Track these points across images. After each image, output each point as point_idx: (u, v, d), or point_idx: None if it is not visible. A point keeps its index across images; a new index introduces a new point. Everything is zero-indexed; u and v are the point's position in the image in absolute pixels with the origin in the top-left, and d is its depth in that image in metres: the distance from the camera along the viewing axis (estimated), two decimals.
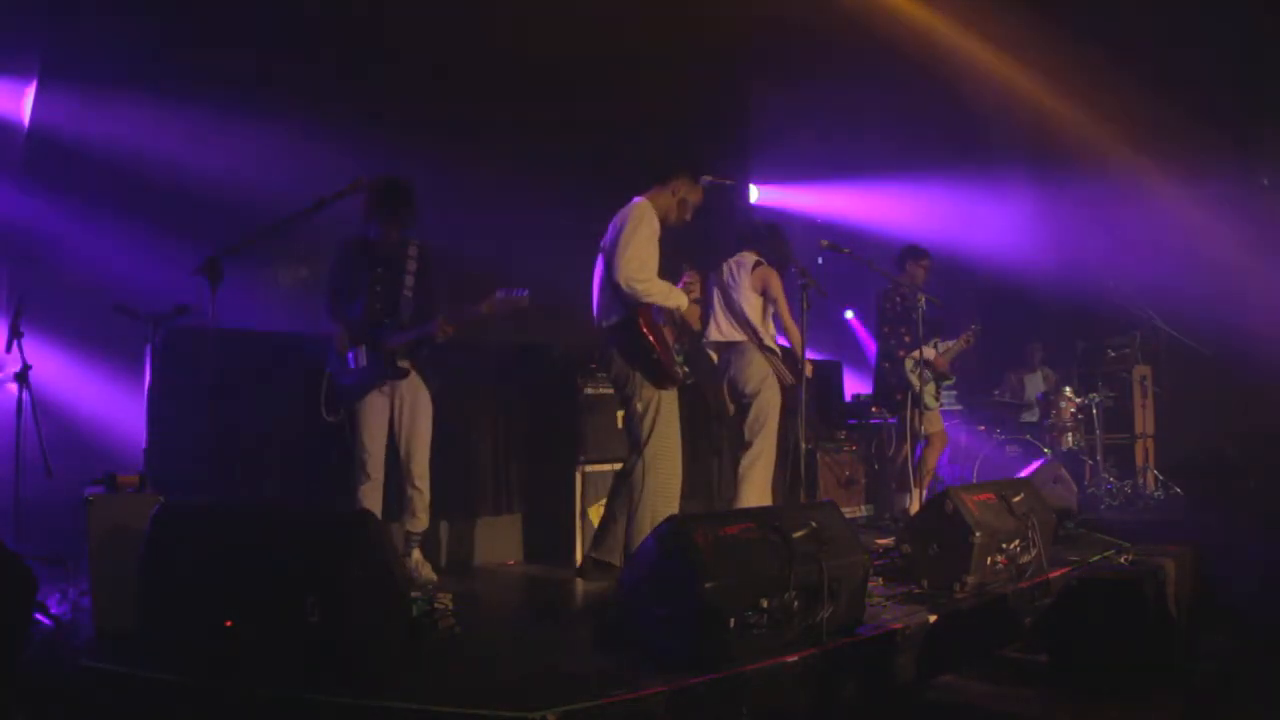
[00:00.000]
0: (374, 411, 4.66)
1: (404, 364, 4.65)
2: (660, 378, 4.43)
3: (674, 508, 4.38)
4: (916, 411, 6.37)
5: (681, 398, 4.62)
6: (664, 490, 4.40)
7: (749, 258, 5.70)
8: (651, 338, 4.36)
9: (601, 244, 4.55)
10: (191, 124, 5.55)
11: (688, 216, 4.65)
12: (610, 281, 4.42)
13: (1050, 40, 8.41)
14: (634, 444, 4.51)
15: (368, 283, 4.69)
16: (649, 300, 4.38)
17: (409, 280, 4.73)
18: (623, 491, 4.57)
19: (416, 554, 4.85)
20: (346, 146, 5.79)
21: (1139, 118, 8.59)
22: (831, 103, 9.04)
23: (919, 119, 9.15)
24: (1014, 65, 8.88)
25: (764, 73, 8.90)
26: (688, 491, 4.69)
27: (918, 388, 6.31)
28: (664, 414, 4.45)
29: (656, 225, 4.45)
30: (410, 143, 5.99)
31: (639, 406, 4.44)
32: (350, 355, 4.64)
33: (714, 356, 5.80)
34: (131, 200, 5.37)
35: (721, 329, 5.69)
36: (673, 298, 4.47)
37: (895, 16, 8.42)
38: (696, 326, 4.71)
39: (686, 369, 4.52)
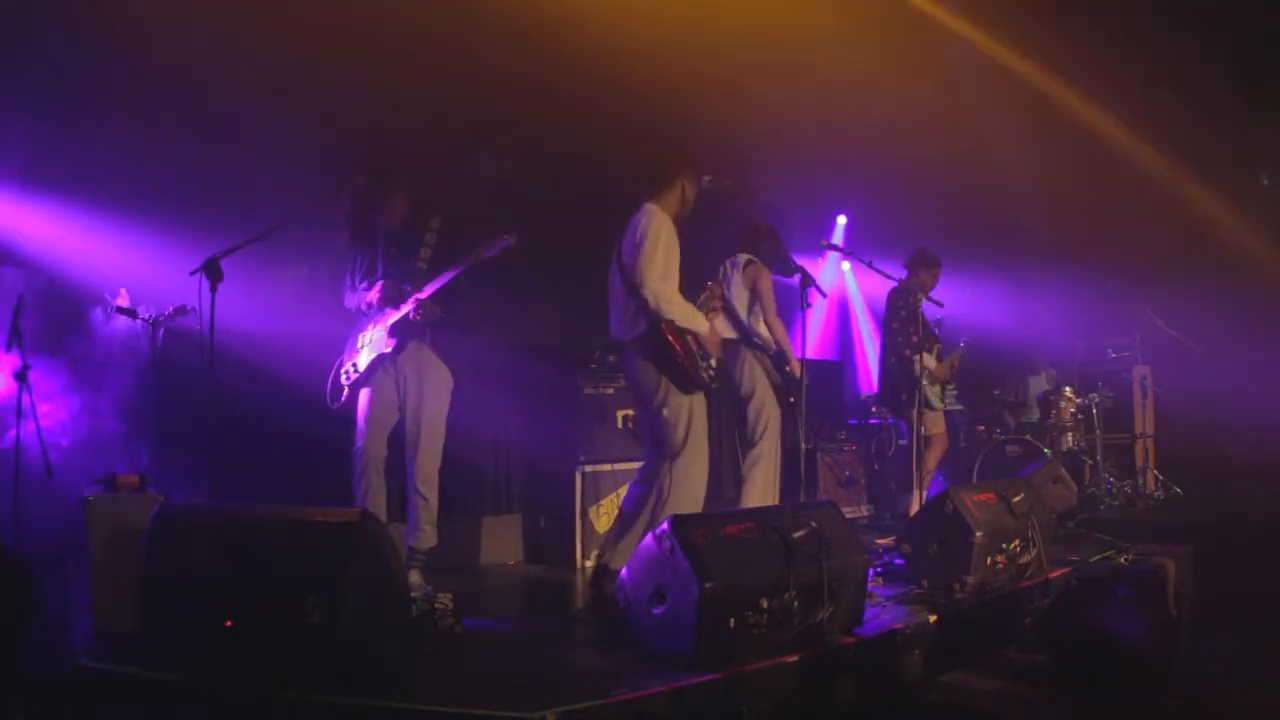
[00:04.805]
0: (377, 392, 4.32)
1: (415, 322, 4.29)
2: (687, 384, 4.36)
3: (697, 510, 4.35)
4: (921, 412, 6.37)
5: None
6: (691, 496, 4.34)
7: (742, 257, 5.73)
8: (677, 345, 4.32)
9: (617, 255, 4.47)
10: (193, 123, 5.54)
11: (691, 199, 4.61)
12: (633, 293, 4.34)
13: (1049, 37, 8.39)
14: (661, 450, 4.41)
15: (381, 257, 4.46)
16: (670, 318, 4.31)
17: (425, 252, 4.42)
18: (642, 494, 4.47)
19: (416, 576, 4.33)
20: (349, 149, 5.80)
21: (1139, 115, 8.58)
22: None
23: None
24: (1012, 55, 8.85)
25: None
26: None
27: (925, 388, 6.32)
28: (696, 420, 4.39)
29: (674, 231, 4.39)
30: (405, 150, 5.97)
31: (668, 415, 4.36)
32: (357, 334, 4.42)
33: None
34: (132, 200, 5.36)
35: (716, 326, 5.69)
36: (694, 320, 4.39)
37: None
38: (716, 354, 4.61)
39: (713, 373, 4.46)
